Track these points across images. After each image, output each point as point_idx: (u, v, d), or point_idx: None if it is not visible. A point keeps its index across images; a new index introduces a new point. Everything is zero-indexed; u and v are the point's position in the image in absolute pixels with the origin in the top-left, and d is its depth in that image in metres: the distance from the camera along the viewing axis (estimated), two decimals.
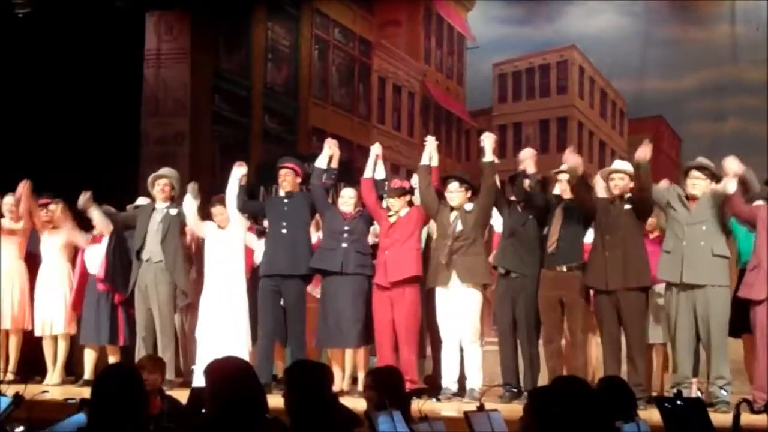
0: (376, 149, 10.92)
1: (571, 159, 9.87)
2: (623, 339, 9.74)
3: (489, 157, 10.30)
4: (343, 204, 10.71)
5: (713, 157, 9.94)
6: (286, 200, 10.86)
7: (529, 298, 10.00)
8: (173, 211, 11.10)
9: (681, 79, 15.26)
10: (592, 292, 9.92)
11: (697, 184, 9.50)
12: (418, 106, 17.97)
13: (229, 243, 10.86)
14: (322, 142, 17.33)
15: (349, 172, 13.34)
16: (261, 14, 17.29)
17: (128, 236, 11.42)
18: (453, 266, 10.08)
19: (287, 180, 10.93)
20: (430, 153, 10.54)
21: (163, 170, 11.43)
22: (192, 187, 11.04)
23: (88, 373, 11.34)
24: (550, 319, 9.92)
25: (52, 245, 11.59)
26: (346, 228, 10.55)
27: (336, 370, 10.15)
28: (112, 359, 11.30)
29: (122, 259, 11.30)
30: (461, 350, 10.17)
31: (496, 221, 10.57)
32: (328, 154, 10.98)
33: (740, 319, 9.48)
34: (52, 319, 11.47)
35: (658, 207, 9.83)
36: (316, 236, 11.09)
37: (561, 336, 10.02)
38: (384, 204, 10.64)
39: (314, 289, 10.99)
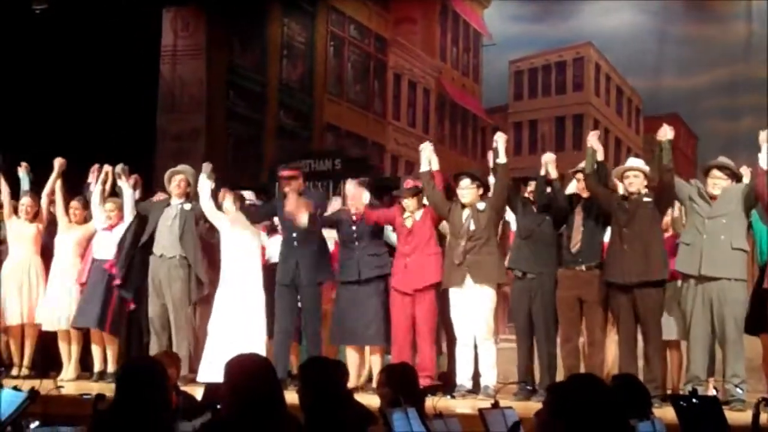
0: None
1: (594, 142, 9.88)
2: (639, 336, 9.71)
3: (502, 158, 10.27)
4: (351, 205, 10.60)
5: (729, 155, 9.91)
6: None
7: (546, 296, 9.97)
8: (188, 206, 11.10)
9: (697, 76, 15.23)
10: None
11: (718, 183, 9.46)
12: (433, 103, 17.97)
13: (243, 239, 10.84)
14: (336, 138, 17.46)
15: (363, 168, 13.37)
16: (276, 11, 17.31)
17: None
18: (466, 266, 10.06)
19: (291, 187, 10.72)
20: (429, 158, 10.48)
21: (180, 167, 11.44)
22: (206, 167, 11.03)
23: (98, 365, 11.37)
24: (568, 319, 9.89)
25: (68, 241, 11.60)
26: (354, 234, 10.53)
27: (351, 368, 10.14)
28: (110, 350, 11.32)
29: (135, 254, 11.32)
30: (476, 347, 10.16)
31: (512, 219, 10.55)
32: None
33: (758, 318, 9.44)
34: (62, 313, 11.48)
35: (679, 201, 9.79)
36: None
37: (579, 335, 10.01)
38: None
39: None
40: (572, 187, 10.28)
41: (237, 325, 10.60)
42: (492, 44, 17.33)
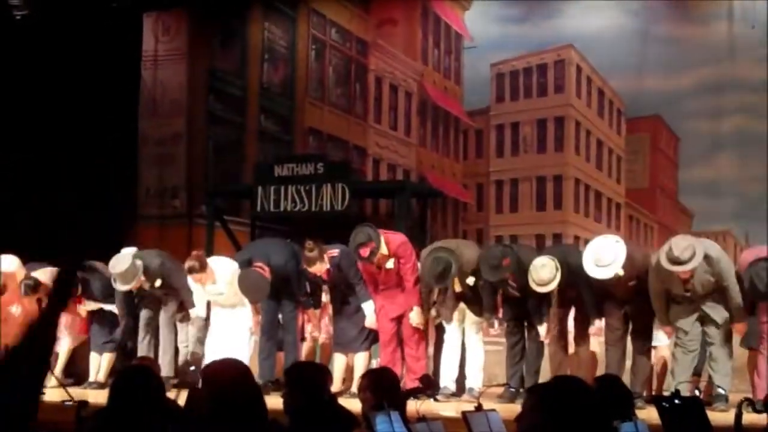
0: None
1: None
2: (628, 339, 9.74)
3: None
4: (317, 272, 10.52)
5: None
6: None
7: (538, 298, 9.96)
8: (158, 282, 10.96)
9: (679, 77, 15.26)
10: None
11: (684, 277, 9.27)
12: (415, 105, 17.98)
13: (224, 290, 10.83)
14: (318, 142, 17.45)
15: (345, 173, 13.36)
16: (257, 15, 17.29)
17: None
18: (462, 306, 10.15)
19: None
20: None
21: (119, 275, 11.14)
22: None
23: (93, 375, 11.35)
24: (558, 316, 9.91)
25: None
26: (329, 285, 10.55)
27: (337, 373, 10.15)
28: (105, 360, 11.31)
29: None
30: (462, 350, 10.17)
31: None
32: None
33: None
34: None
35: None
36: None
37: (567, 334, 10.01)
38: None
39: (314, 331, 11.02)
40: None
41: (226, 334, 10.65)
42: (473, 46, 17.35)
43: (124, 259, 10.71)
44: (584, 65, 17.04)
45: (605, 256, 9.27)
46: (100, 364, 11.34)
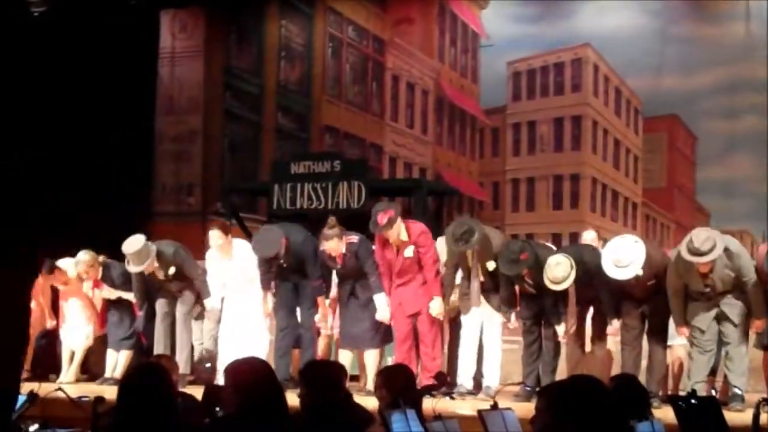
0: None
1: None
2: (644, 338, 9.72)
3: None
4: (332, 251, 10.49)
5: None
6: (282, 261, 10.71)
7: (557, 297, 9.94)
8: (172, 270, 10.99)
9: (696, 77, 15.24)
10: None
11: (704, 269, 9.28)
12: (431, 103, 17.99)
13: (238, 274, 10.83)
14: (335, 139, 17.45)
15: (362, 170, 13.34)
16: (274, 12, 17.31)
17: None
18: (482, 299, 10.11)
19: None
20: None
21: (132, 257, 11.20)
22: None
23: (109, 371, 11.38)
24: (576, 315, 9.89)
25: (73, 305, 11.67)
26: (342, 272, 10.50)
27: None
28: (123, 356, 11.34)
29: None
30: (480, 348, 10.15)
31: None
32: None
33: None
34: (76, 335, 11.52)
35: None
36: None
37: (584, 333, 9.98)
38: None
39: (321, 321, 10.96)
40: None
41: (241, 331, 10.64)
42: (490, 45, 17.34)
43: (137, 240, 10.74)
44: (601, 64, 17.03)
45: (625, 257, 9.25)
46: (117, 360, 11.36)
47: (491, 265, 9.91)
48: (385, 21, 18.02)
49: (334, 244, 10.15)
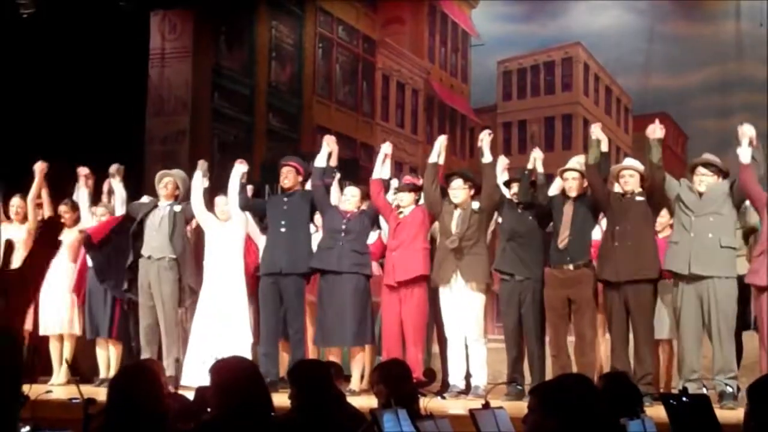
0: (386, 148, 10.87)
1: (599, 133, 9.84)
2: (630, 335, 9.72)
3: (488, 157, 10.28)
4: (345, 203, 10.66)
5: (719, 154, 9.91)
6: (285, 198, 10.84)
7: (535, 297, 9.98)
8: (177, 208, 11.09)
9: (686, 75, 15.24)
10: (600, 288, 9.90)
11: (704, 180, 9.46)
12: (422, 103, 17.96)
13: (229, 238, 10.86)
14: None
15: (353, 170, 13.35)
16: (264, 13, 17.29)
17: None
18: (456, 266, 10.07)
19: (288, 178, 10.90)
20: (440, 151, 10.50)
21: (171, 170, 11.45)
22: (202, 164, 11.09)
23: (104, 371, 11.36)
24: (557, 318, 9.89)
25: (62, 245, 11.56)
26: (343, 226, 10.52)
27: None
28: (113, 356, 11.31)
29: (119, 255, 11.29)
30: (467, 347, 10.16)
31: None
32: (327, 152, 10.93)
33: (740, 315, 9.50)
34: (59, 318, 11.47)
35: (668, 199, 9.77)
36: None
37: (566, 335, 10.00)
38: (392, 200, 10.63)
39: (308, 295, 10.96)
40: (555, 188, 10.24)
41: (223, 327, 10.60)
42: (480, 44, 17.33)
43: None
44: (592, 63, 17.02)
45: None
46: (108, 359, 11.36)
47: (475, 204, 9.98)
48: (375, 21, 18.01)
49: (355, 192, 10.28)
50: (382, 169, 10.67)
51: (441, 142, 10.60)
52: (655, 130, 9.62)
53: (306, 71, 17.67)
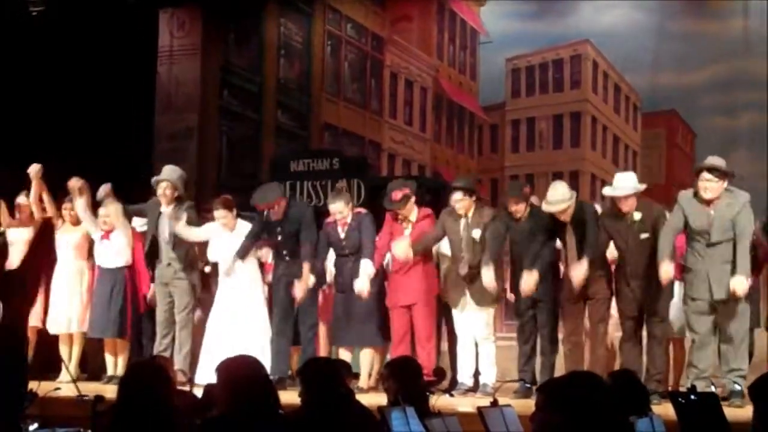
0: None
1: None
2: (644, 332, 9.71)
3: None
4: (337, 213, 10.44)
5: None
6: (278, 228, 10.64)
7: (549, 294, 9.91)
8: (180, 231, 11.03)
9: (694, 73, 15.24)
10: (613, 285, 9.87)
11: (709, 186, 9.31)
12: (430, 101, 17.98)
13: (237, 243, 10.79)
14: (334, 137, 17.45)
15: (361, 168, 13.36)
16: (273, 10, 17.31)
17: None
18: (467, 290, 10.08)
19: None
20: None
21: (163, 173, 11.30)
22: (175, 216, 10.97)
23: (111, 369, 11.37)
24: (572, 312, 9.87)
25: (67, 243, 11.57)
26: (343, 243, 10.45)
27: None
28: (121, 356, 11.32)
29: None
30: (476, 345, 10.16)
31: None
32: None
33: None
34: (68, 317, 11.47)
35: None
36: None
37: (582, 330, 9.98)
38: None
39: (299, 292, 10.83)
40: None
41: (238, 327, 10.59)
42: (489, 42, 17.33)
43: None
44: (600, 60, 17.02)
45: (623, 181, 9.42)
46: (116, 357, 11.37)
47: (476, 233, 9.91)
48: (384, 18, 18.03)
49: (342, 206, 10.14)
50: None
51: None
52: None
53: (315, 69, 17.69)
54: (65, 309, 11.44)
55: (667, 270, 9.15)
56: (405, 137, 17.81)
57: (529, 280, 9.60)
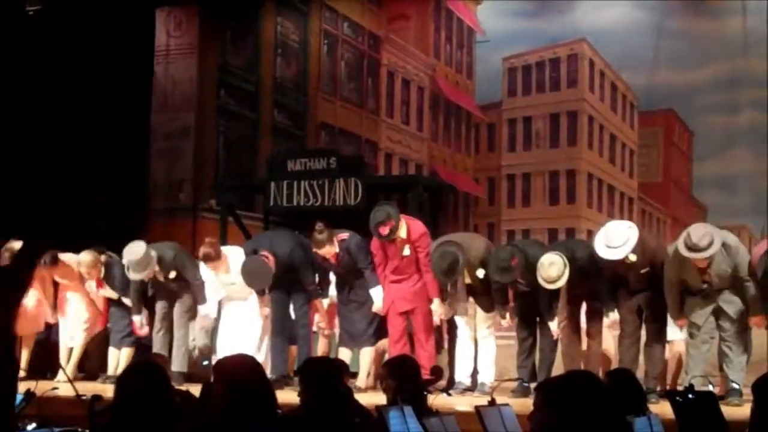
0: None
1: None
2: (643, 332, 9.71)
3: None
4: (326, 254, 10.47)
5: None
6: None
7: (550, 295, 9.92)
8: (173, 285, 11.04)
9: (692, 71, 15.24)
10: None
11: (700, 262, 9.22)
12: (427, 100, 17.98)
13: (237, 280, 10.79)
14: (330, 136, 17.45)
15: (358, 166, 13.35)
16: (270, 10, 17.30)
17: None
18: (472, 298, 10.10)
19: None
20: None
21: (143, 260, 11.16)
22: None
23: (111, 369, 11.37)
24: (571, 311, 9.87)
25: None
26: (339, 269, 10.47)
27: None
28: (124, 355, 11.33)
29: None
30: (476, 344, 10.15)
31: None
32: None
33: None
34: (75, 332, 11.49)
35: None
36: None
37: (579, 328, 9.97)
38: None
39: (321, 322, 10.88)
40: None
41: (239, 333, 10.63)
42: (485, 41, 17.35)
43: (138, 247, 10.71)
44: (597, 59, 17.03)
45: (617, 238, 9.24)
46: (118, 358, 11.35)
47: (480, 273, 9.91)
48: (381, 17, 18.02)
49: (328, 248, 10.16)
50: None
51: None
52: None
53: (311, 68, 17.69)
54: (73, 324, 11.47)
55: (682, 323, 9.34)
56: (402, 136, 17.81)
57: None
